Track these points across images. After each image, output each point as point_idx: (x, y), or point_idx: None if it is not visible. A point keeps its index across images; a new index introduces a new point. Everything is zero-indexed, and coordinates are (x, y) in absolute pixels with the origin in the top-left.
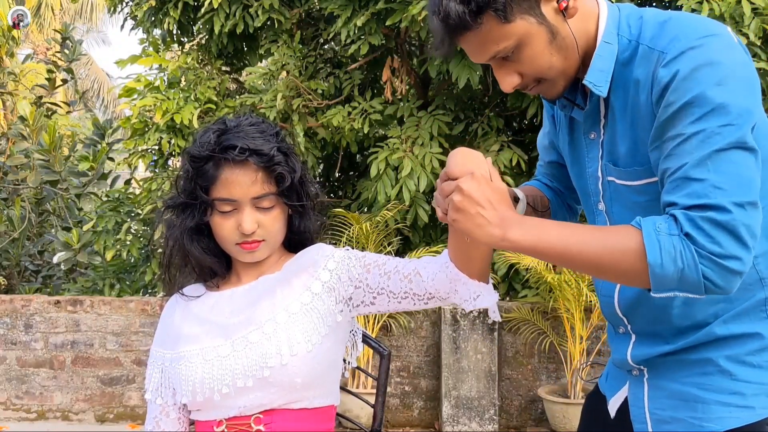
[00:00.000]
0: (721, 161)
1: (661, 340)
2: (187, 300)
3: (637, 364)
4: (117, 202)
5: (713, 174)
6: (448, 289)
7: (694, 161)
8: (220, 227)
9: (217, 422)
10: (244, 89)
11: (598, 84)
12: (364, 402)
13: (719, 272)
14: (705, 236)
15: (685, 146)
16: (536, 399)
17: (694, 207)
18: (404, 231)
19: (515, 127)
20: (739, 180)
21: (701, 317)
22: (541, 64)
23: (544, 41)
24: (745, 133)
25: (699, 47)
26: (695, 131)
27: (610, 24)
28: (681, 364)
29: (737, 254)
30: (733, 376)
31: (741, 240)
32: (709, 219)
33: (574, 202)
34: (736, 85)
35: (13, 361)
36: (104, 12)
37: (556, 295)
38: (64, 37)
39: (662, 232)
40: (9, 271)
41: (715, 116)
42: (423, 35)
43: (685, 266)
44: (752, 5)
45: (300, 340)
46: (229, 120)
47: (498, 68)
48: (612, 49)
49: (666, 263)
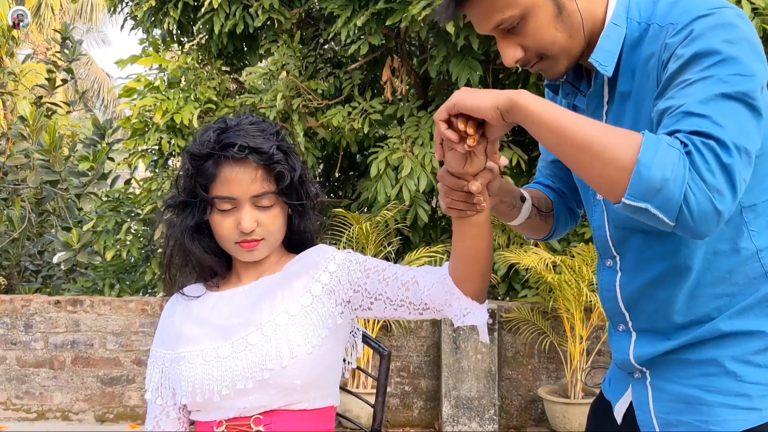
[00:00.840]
0: (726, 105)
1: (663, 337)
2: (188, 300)
3: (640, 365)
4: (117, 202)
5: (716, 113)
6: (442, 301)
7: (697, 100)
8: (219, 225)
9: (216, 423)
10: (244, 89)
11: (603, 63)
12: (364, 402)
13: (701, 202)
14: (704, 162)
15: (689, 89)
16: (536, 399)
17: (698, 133)
18: (404, 231)
19: (515, 127)
20: (740, 127)
21: (704, 311)
22: (545, 39)
23: (550, 15)
24: (754, 88)
25: (711, 14)
26: (703, 76)
27: (619, 7)
28: (683, 365)
29: (725, 193)
30: (738, 377)
31: (733, 183)
32: (712, 149)
33: (576, 205)
34: (748, 48)
35: (13, 361)
36: (104, 12)
37: (556, 295)
38: (64, 37)
39: (664, 141)
40: (9, 271)
41: (725, 65)
42: (423, 35)
43: (671, 179)
44: (752, 5)
45: (300, 342)
46: (229, 119)
47: (501, 40)
48: (620, 31)
49: (655, 167)
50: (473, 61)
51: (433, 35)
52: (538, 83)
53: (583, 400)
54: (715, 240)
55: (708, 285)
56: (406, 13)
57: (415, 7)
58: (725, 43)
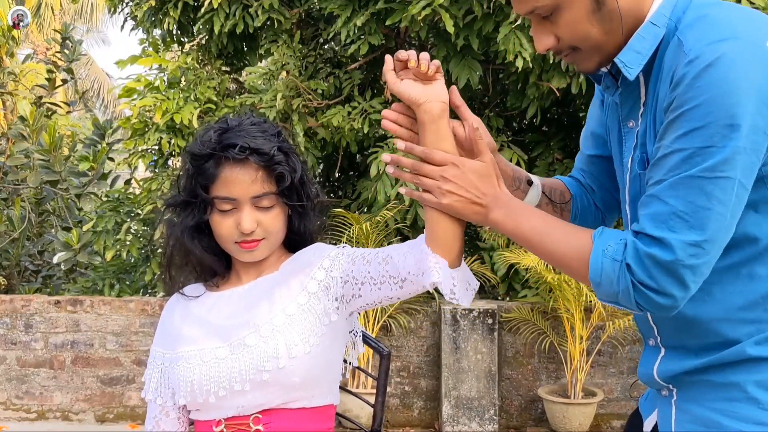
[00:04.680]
0: (691, 188)
1: (689, 354)
2: (187, 300)
3: (664, 382)
4: (117, 202)
5: (679, 201)
6: (416, 269)
7: (669, 183)
8: (219, 226)
9: (215, 422)
10: (244, 89)
11: (629, 65)
12: (364, 402)
13: (650, 304)
14: (644, 270)
15: (663, 162)
16: (536, 399)
17: (645, 235)
18: (404, 231)
19: (515, 127)
20: (705, 215)
21: (734, 335)
22: (579, 33)
23: (586, 9)
24: (727, 157)
25: (711, 55)
26: (674, 149)
27: (664, 6)
28: (708, 387)
29: (671, 292)
30: (760, 404)
31: (680, 280)
32: (652, 256)
33: (602, 203)
34: (739, 100)
35: (13, 361)
36: (104, 12)
37: (556, 295)
38: (64, 37)
39: (608, 255)
40: (9, 271)
41: (698, 136)
42: (423, 35)
43: (620, 291)
44: (752, 5)
45: (297, 342)
46: (231, 119)
47: (536, 25)
48: (657, 32)
49: (604, 283)
50: (473, 61)
51: (433, 35)
52: (538, 83)
53: (583, 400)
54: (752, 263)
55: (739, 309)
56: (406, 13)
57: (414, 7)
58: (710, 102)
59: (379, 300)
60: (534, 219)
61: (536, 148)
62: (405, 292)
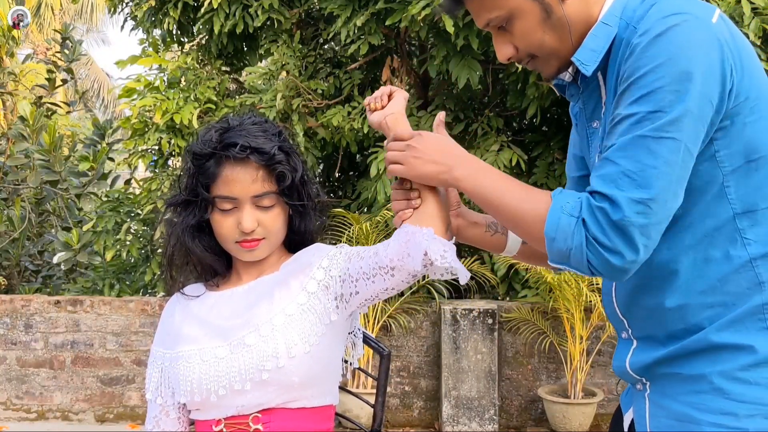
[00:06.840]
0: (639, 148)
1: (658, 344)
2: (188, 299)
3: (638, 375)
4: (117, 202)
5: (628, 161)
6: (401, 253)
7: (618, 145)
8: (220, 225)
9: (215, 421)
10: (243, 89)
11: (585, 62)
12: (364, 402)
13: (602, 263)
14: (597, 226)
15: (617, 127)
16: (536, 399)
17: (597, 193)
18: None
19: (515, 127)
20: (650, 173)
21: (696, 321)
22: (534, 41)
23: (537, 18)
24: (674, 118)
25: (661, 25)
26: (627, 114)
27: (615, 7)
28: (678, 380)
29: (622, 251)
30: (726, 395)
31: (630, 239)
32: (603, 210)
33: None
34: (688, 67)
35: (13, 361)
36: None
37: (556, 295)
38: (64, 37)
39: (565, 211)
40: (9, 271)
41: (648, 101)
42: (423, 35)
43: (573, 248)
44: (752, 5)
45: (297, 342)
46: (232, 118)
47: (496, 36)
48: (609, 31)
49: (558, 239)
50: (473, 61)
51: (433, 35)
52: (538, 83)
53: (583, 400)
54: (707, 246)
55: (699, 293)
56: (406, 13)
57: (414, 7)
58: (659, 68)
59: (376, 293)
60: (495, 176)
61: (536, 148)
62: (398, 281)
